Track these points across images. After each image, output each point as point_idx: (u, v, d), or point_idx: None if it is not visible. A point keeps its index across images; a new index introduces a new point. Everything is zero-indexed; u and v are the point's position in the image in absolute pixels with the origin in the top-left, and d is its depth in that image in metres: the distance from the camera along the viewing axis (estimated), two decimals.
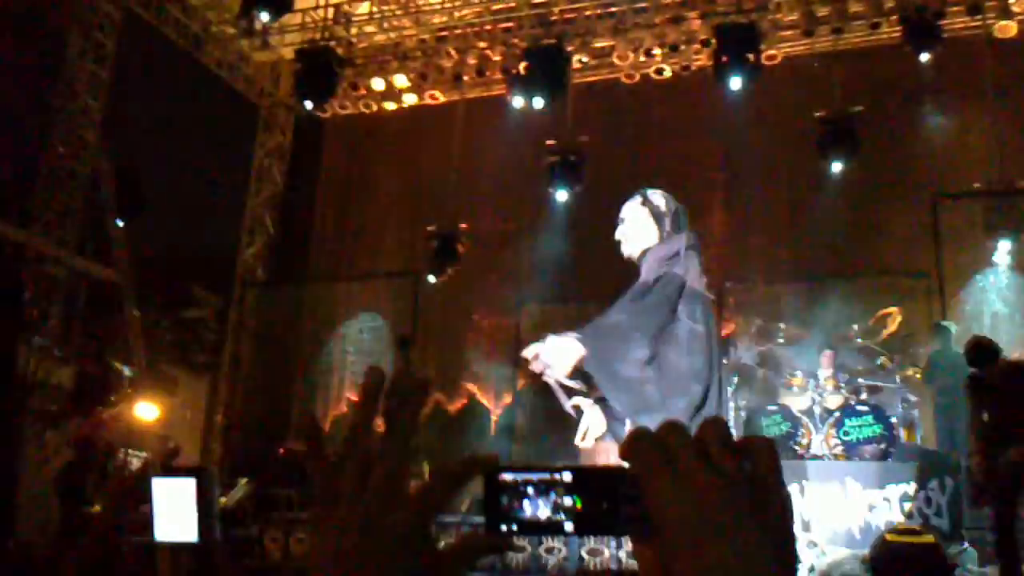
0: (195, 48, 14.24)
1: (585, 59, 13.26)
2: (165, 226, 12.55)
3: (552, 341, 3.96)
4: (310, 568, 0.71)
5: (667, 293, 4.33)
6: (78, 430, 8.54)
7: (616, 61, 13.12)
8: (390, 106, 14.57)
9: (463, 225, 12.30)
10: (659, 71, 13.10)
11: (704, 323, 4.38)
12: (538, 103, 11.78)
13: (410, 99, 14.43)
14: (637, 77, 13.20)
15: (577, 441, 4.43)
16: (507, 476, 0.76)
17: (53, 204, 13.16)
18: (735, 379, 10.09)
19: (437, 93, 14.21)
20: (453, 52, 13.66)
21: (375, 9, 13.80)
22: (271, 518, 9.28)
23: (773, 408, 9.16)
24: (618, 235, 5.20)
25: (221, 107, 14.96)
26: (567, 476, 0.74)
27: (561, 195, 11.96)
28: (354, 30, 13.91)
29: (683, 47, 12.79)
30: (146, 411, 10.83)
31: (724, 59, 11.31)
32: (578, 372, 4.01)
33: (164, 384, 12.63)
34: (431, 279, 12.39)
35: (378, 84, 14.36)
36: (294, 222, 15.20)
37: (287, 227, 15.24)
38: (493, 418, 12.76)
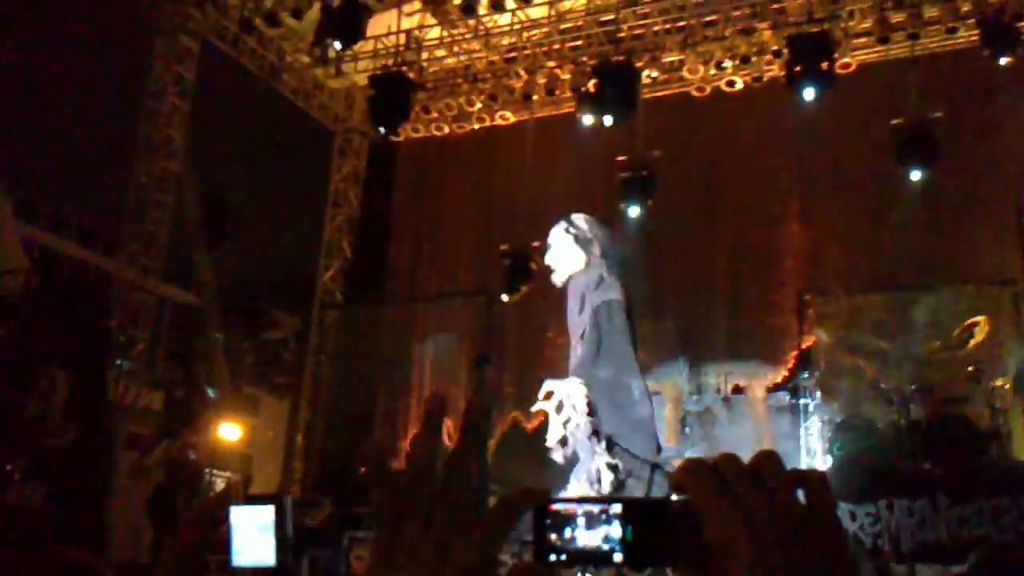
0: (272, 77, 14.61)
1: (655, 74, 13.22)
2: (245, 252, 12.85)
3: (566, 386, 4.13)
4: None
5: (618, 323, 4.55)
6: (167, 452, 8.77)
7: (686, 75, 13.05)
8: (461, 128, 14.72)
9: (535, 243, 12.32)
10: (730, 83, 12.98)
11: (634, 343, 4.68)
12: (608, 120, 11.75)
13: (481, 120, 14.57)
14: (708, 90, 13.10)
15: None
16: (557, 507, 0.76)
17: (138, 233, 13.58)
18: (818, 394, 9.92)
19: (507, 113, 14.31)
20: (522, 72, 13.75)
21: (445, 33, 13.98)
22: (356, 537, 9.39)
23: (856, 421, 8.96)
24: (547, 261, 5.43)
25: (298, 134, 15.31)
26: (617, 507, 0.75)
27: (633, 210, 11.90)
28: (425, 55, 14.10)
29: (754, 58, 12.66)
30: (230, 432, 11.09)
31: (797, 69, 11.15)
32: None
33: (246, 405, 12.91)
34: (505, 298, 12.44)
35: (449, 107, 14.54)
36: (370, 244, 15.43)
37: (363, 249, 15.47)
38: None
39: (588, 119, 12.52)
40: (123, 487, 9.66)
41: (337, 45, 12.12)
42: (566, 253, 5.43)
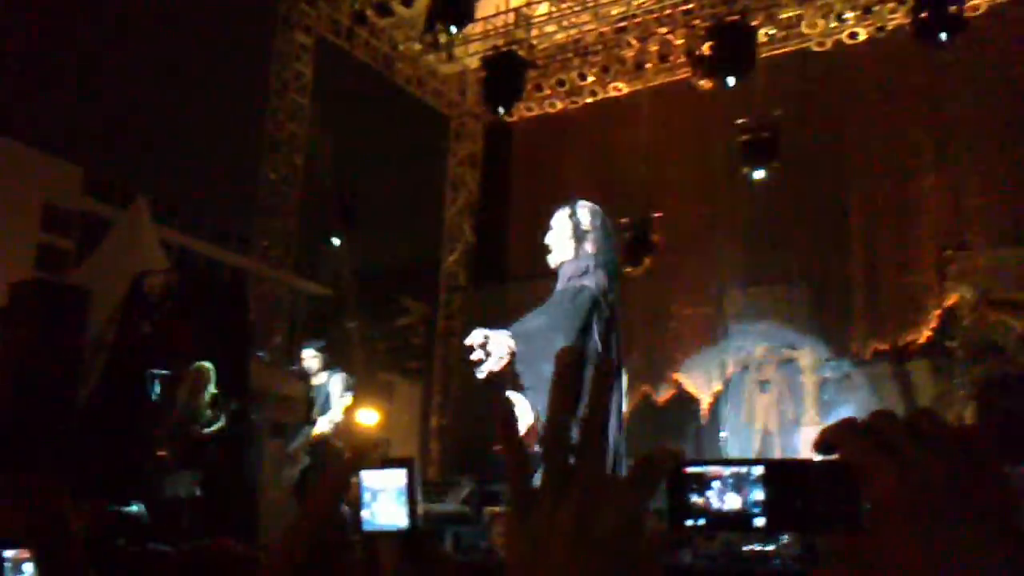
0: (385, 67, 14.84)
1: (772, 31, 12.82)
2: (373, 242, 13.13)
3: (493, 334, 4.20)
4: (512, 566, 0.68)
5: (580, 301, 4.56)
6: (311, 438, 9.07)
7: (805, 30, 12.61)
8: (575, 103, 14.63)
9: (657, 214, 12.15)
10: (852, 35, 12.47)
11: (604, 341, 4.64)
12: (727, 82, 11.44)
13: (594, 94, 14.44)
14: (829, 44, 12.62)
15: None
16: (693, 469, 0.73)
17: (269, 229, 14.05)
18: (962, 353, 9.47)
19: (620, 84, 14.14)
20: (634, 41, 13.55)
21: (554, 8, 13.90)
22: (495, 513, 9.50)
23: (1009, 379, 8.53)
24: (547, 241, 5.63)
25: (413, 122, 15.51)
26: (758, 470, 0.72)
27: (757, 173, 11.56)
28: (534, 32, 14.06)
29: (876, 7, 12.12)
30: (368, 417, 11.38)
31: (923, 15, 10.61)
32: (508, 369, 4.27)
33: (382, 391, 13.22)
34: (628, 271, 12.32)
35: (562, 83, 14.47)
36: (491, 226, 15.54)
37: (484, 231, 15.59)
38: (703, 408, 12.55)
39: (705, 84, 12.24)
40: (270, 475, 10.05)
41: (452, 29, 12.15)
42: (561, 240, 5.57)
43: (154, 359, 11.97)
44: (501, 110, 13.35)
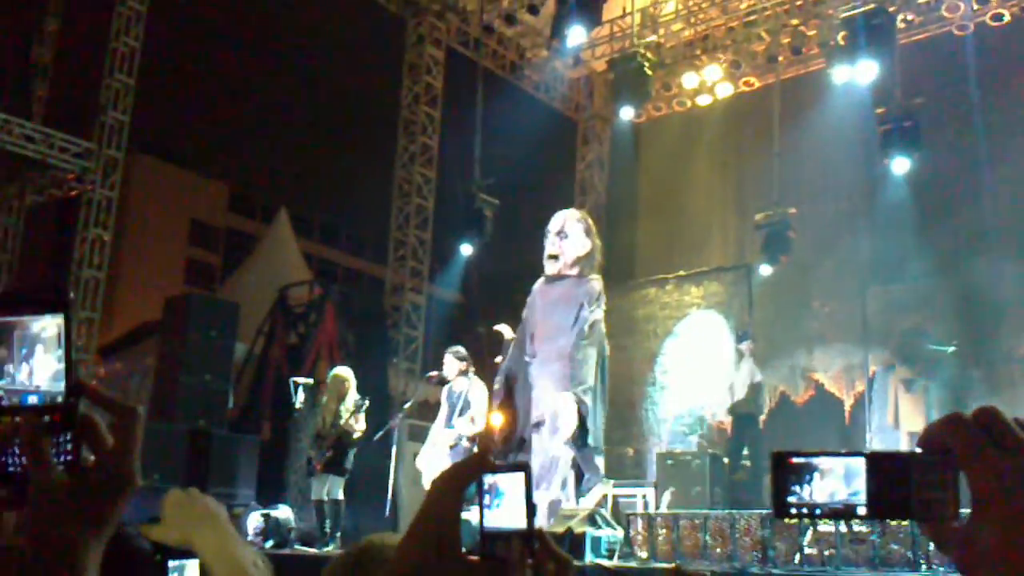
0: (513, 74, 15.00)
1: (910, 17, 12.33)
2: (503, 247, 13.27)
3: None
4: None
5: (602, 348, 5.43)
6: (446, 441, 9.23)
7: (945, 14, 12.07)
8: (704, 101, 14.42)
9: (792, 211, 11.83)
10: (996, 17, 11.86)
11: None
12: (866, 73, 10.99)
13: (723, 90, 14.20)
14: (972, 27, 12.04)
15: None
16: (798, 460, 0.76)
17: (403, 239, 14.40)
18: None
19: (752, 79, 13.87)
20: (765, 34, 13.27)
21: (680, 6, 13.75)
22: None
23: None
24: (554, 250, 5.98)
25: (543, 127, 15.60)
26: (860, 461, 0.75)
27: (900, 165, 11.06)
28: (661, 31, 13.94)
29: None
30: (498, 420, 11.50)
31: None
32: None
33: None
34: (764, 270, 12.04)
35: (690, 81, 14.29)
36: (620, 228, 15.46)
37: (614, 234, 15.53)
38: (846, 408, 12.14)
39: (841, 74, 11.82)
40: (408, 477, 10.29)
41: (577, 34, 12.12)
42: (579, 244, 5.74)
43: (298, 368, 12.45)
44: (628, 112, 13.28)
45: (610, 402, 7.74)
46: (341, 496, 8.73)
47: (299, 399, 11.17)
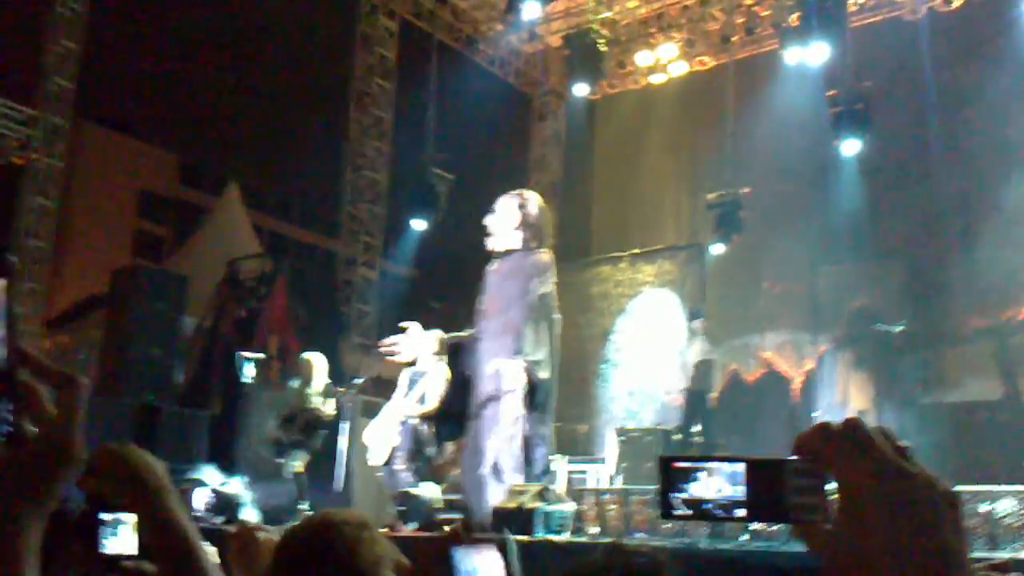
0: (467, 48, 14.87)
1: (862, 0, 12.44)
2: (457, 222, 13.21)
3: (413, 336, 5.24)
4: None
5: (554, 319, 5.51)
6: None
7: None
8: (658, 79, 14.44)
9: (745, 190, 11.92)
10: (947, 2, 12.01)
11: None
12: (818, 54, 11.09)
13: (678, 69, 14.23)
14: (923, 11, 12.18)
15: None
16: (681, 464, 0.81)
17: (355, 213, 14.26)
18: None
19: (706, 58, 13.90)
20: (719, 14, 13.30)
21: None
22: None
23: None
24: (488, 223, 6.32)
25: (498, 102, 15.51)
26: (739, 466, 0.80)
27: (851, 147, 11.20)
28: (616, 7, 13.91)
29: None
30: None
31: None
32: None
33: None
34: (716, 249, 12.13)
35: (644, 59, 14.29)
36: (574, 206, 15.48)
37: (569, 211, 15.53)
38: (794, 386, 12.32)
39: (793, 55, 11.91)
40: (363, 453, 10.27)
41: (530, 8, 12.05)
42: (506, 227, 5.83)
43: (249, 342, 12.31)
44: (582, 88, 13.25)
45: (563, 379, 7.79)
46: (302, 470, 8.94)
47: (247, 374, 11.04)
